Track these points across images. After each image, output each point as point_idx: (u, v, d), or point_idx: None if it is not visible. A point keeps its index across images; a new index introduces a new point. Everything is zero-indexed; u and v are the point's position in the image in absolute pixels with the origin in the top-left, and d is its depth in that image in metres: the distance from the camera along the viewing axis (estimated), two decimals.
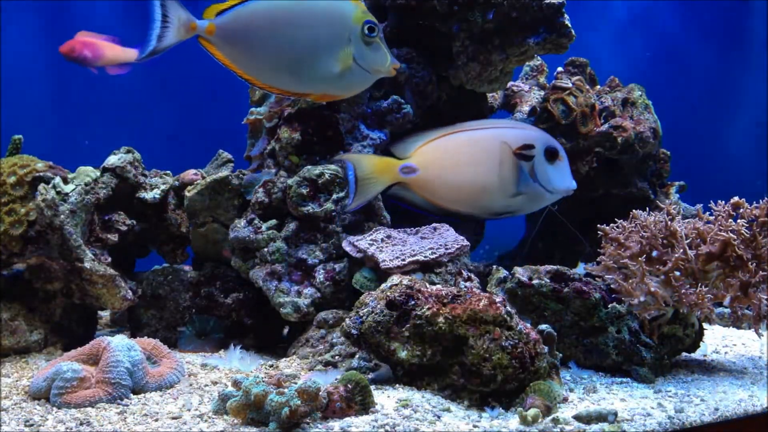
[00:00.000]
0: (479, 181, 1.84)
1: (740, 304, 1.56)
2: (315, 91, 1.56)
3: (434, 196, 1.86)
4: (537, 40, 2.12)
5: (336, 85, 1.54)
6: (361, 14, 1.49)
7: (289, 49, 1.49)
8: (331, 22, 1.48)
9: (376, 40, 1.51)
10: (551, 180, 1.87)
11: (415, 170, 1.80)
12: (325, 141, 2.00)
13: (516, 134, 1.86)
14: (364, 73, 1.54)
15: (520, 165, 1.81)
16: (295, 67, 1.51)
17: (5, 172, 1.84)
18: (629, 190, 2.47)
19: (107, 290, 1.84)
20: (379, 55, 1.53)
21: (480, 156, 1.84)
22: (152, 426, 1.26)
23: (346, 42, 1.49)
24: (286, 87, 1.56)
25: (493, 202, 1.86)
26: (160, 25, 1.46)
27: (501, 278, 1.75)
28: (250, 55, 1.51)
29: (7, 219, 1.79)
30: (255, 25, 1.49)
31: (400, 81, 2.13)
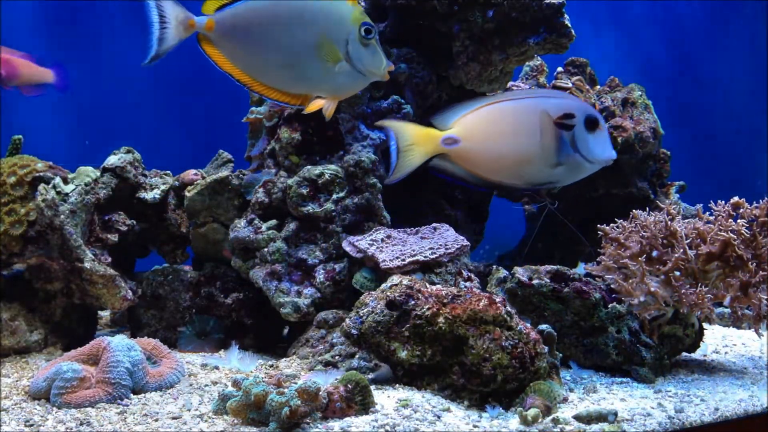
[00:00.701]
0: (521, 151, 1.81)
1: (740, 304, 1.56)
2: (311, 91, 1.55)
3: (476, 167, 1.83)
4: (537, 40, 2.12)
5: (331, 85, 1.54)
6: (359, 15, 1.50)
7: (288, 46, 1.49)
8: (329, 22, 1.48)
9: (373, 42, 1.52)
10: (592, 150, 1.83)
11: (456, 141, 1.78)
12: (325, 141, 2.00)
13: (556, 104, 1.84)
14: (359, 75, 1.54)
15: (561, 135, 1.79)
16: (293, 65, 1.51)
17: (5, 172, 1.84)
18: (629, 190, 2.47)
19: (107, 290, 1.84)
20: (375, 58, 1.54)
21: (522, 126, 1.82)
22: (152, 426, 1.26)
23: (343, 42, 1.49)
24: (283, 86, 1.55)
25: (535, 172, 1.84)
26: (159, 27, 1.46)
27: (501, 278, 1.75)
28: (249, 51, 1.51)
29: (7, 219, 1.79)
30: (254, 21, 1.48)
31: (400, 81, 2.13)
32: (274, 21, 1.48)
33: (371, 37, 1.50)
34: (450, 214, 2.38)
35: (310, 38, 1.48)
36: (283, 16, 1.48)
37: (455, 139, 1.79)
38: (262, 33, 1.49)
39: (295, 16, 1.48)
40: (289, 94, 1.57)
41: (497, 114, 1.84)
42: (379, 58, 1.54)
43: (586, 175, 1.93)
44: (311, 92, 1.57)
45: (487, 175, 1.85)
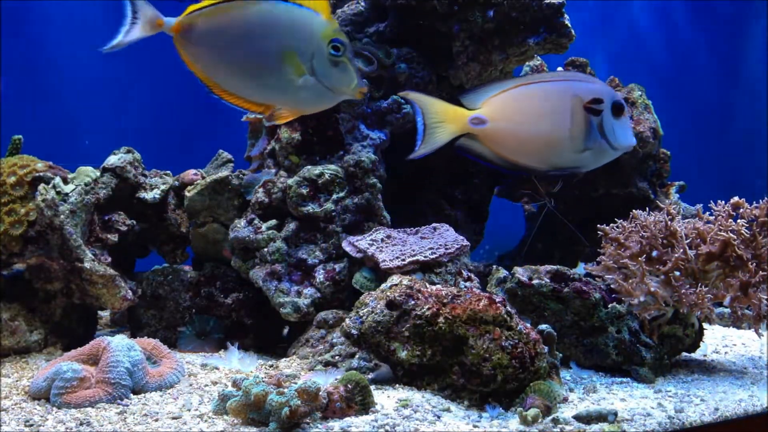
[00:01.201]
0: (550, 134, 1.78)
1: (740, 304, 1.56)
2: (273, 102, 1.53)
3: (502, 148, 1.80)
4: (537, 40, 2.12)
5: (293, 98, 1.52)
6: (330, 32, 1.46)
7: (253, 54, 1.48)
8: (297, 34, 1.46)
9: (343, 60, 1.48)
10: (617, 136, 1.81)
11: (484, 121, 1.75)
12: (325, 141, 2.00)
13: (586, 87, 1.81)
14: (325, 92, 1.51)
15: (590, 120, 1.77)
16: (257, 74, 1.50)
17: (5, 172, 1.84)
18: (629, 190, 2.47)
19: (107, 290, 1.84)
20: (344, 76, 1.49)
21: (552, 109, 1.78)
22: (152, 426, 1.26)
23: (309, 57, 1.46)
24: (246, 93, 1.53)
25: (562, 156, 1.81)
26: (129, 21, 1.47)
27: (501, 278, 1.75)
28: (214, 57, 1.50)
29: (7, 219, 1.79)
30: (222, 26, 1.48)
31: (400, 81, 2.13)
32: (243, 28, 1.47)
33: (340, 54, 1.46)
34: (450, 214, 2.38)
35: (276, 48, 1.46)
36: (252, 23, 1.47)
37: (483, 120, 1.76)
38: (230, 39, 1.48)
39: (264, 24, 1.47)
40: (251, 102, 1.55)
41: (527, 96, 1.82)
42: (350, 76, 1.50)
43: (608, 161, 1.91)
44: (273, 103, 1.54)
45: (512, 157, 1.81)
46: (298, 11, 1.45)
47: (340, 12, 2.24)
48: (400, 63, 2.13)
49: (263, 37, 1.46)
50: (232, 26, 1.47)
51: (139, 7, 1.47)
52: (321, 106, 1.62)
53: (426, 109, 1.80)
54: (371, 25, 2.19)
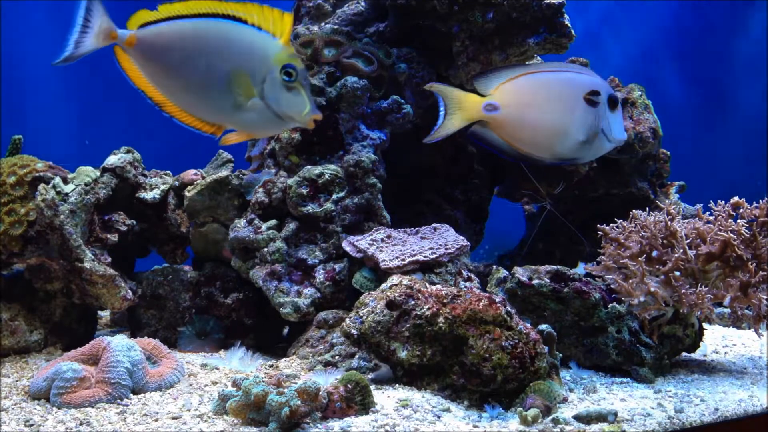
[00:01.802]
0: (557, 123, 1.80)
1: (740, 304, 1.56)
2: (222, 122, 1.50)
3: (512, 137, 1.81)
4: (537, 40, 2.12)
5: (241, 120, 1.48)
6: (284, 57, 1.42)
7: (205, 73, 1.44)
8: (249, 56, 1.42)
9: (296, 86, 1.44)
10: (612, 129, 1.84)
11: (497, 108, 1.77)
12: (325, 141, 2.00)
13: (586, 80, 1.84)
14: (273, 117, 1.47)
15: (589, 111, 1.79)
16: (207, 93, 1.46)
17: (5, 172, 1.84)
18: (629, 190, 2.47)
19: (107, 290, 1.84)
20: (295, 102, 1.45)
21: (559, 98, 1.80)
22: (152, 426, 1.26)
23: (260, 80, 1.43)
24: (196, 112, 1.50)
25: (565, 146, 1.83)
26: (79, 30, 1.41)
27: (501, 278, 1.75)
28: (167, 72, 1.47)
29: (7, 219, 1.79)
30: (177, 43, 1.44)
31: (400, 81, 2.13)
32: (196, 46, 1.44)
33: (292, 80, 1.42)
34: (450, 214, 2.38)
35: (227, 69, 1.42)
36: (205, 42, 1.44)
37: (495, 106, 1.77)
38: (183, 56, 1.44)
39: (218, 44, 1.43)
40: (201, 121, 1.51)
41: (537, 84, 1.83)
42: (302, 103, 1.45)
43: (602, 154, 1.93)
44: (223, 123, 1.50)
45: (521, 146, 1.83)
46: (254, 33, 1.42)
47: (340, 12, 2.24)
48: (400, 63, 2.13)
49: (216, 56, 1.43)
50: (188, 43, 1.44)
51: (94, 14, 1.41)
52: (269, 130, 1.60)
53: (446, 97, 1.83)
54: (371, 25, 2.20)
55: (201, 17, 1.43)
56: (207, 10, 1.43)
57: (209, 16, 1.43)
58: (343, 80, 2.01)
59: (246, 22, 1.41)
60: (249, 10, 1.41)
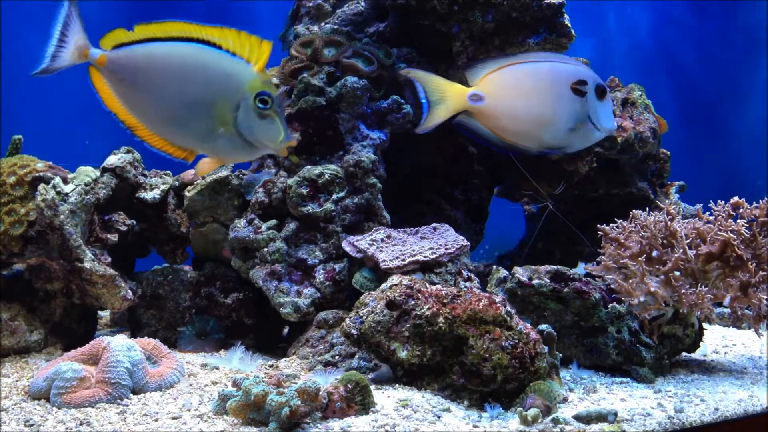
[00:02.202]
0: (541, 113, 1.82)
1: (740, 304, 1.56)
2: (195, 148, 1.48)
3: (497, 127, 1.83)
4: (537, 40, 2.12)
5: (214, 146, 1.46)
6: (258, 84, 1.40)
7: (177, 98, 1.42)
8: (223, 83, 1.40)
9: (270, 114, 1.41)
10: (600, 118, 1.85)
11: (482, 98, 1.78)
12: (325, 141, 2.00)
13: (572, 69, 1.85)
14: (246, 144, 1.45)
15: (576, 100, 1.80)
16: (179, 118, 1.44)
17: (5, 172, 1.84)
18: (629, 190, 2.47)
19: (107, 290, 1.84)
20: (270, 129, 1.43)
21: (544, 88, 1.82)
22: (152, 426, 1.26)
23: (234, 107, 1.40)
24: (168, 136, 1.48)
25: (551, 135, 1.85)
26: (55, 44, 1.40)
27: (501, 278, 1.75)
28: (138, 95, 1.45)
29: (7, 219, 1.79)
30: (149, 66, 1.42)
31: (400, 81, 2.13)
32: (169, 70, 1.41)
33: (267, 108, 1.40)
34: (450, 214, 2.38)
35: (200, 95, 1.41)
36: (179, 66, 1.41)
37: (481, 96, 1.79)
38: (155, 80, 1.42)
39: (192, 69, 1.41)
40: (173, 146, 1.49)
41: (521, 74, 1.85)
42: (276, 130, 1.43)
43: (592, 143, 1.94)
44: (195, 149, 1.49)
45: (506, 136, 1.85)
46: (229, 60, 1.39)
47: (340, 12, 2.24)
48: (400, 63, 2.13)
49: (190, 81, 1.41)
50: (161, 67, 1.41)
51: (71, 29, 1.39)
52: (242, 157, 1.57)
53: (426, 85, 1.83)
54: (371, 25, 2.20)
55: (176, 41, 1.41)
56: (183, 34, 1.40)
57: (185, 40, 1.40)
58: (343, 80, 2.01)
59: (221, 48, 1.39)
60: (226, 36, 1.38)
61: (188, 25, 1.40)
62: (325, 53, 2.07)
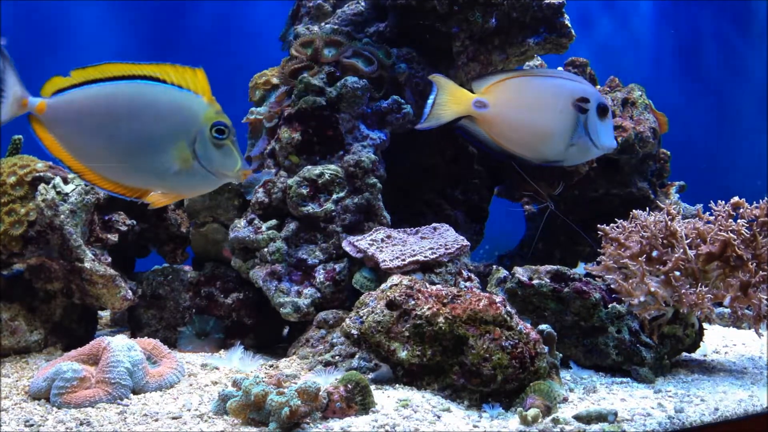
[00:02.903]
0: (541, 126, 1.88)
1: (740, 304, 1.56)
2: (151, 186, 1.45)
3: (498, 134, 1.89)
4: (537, 40, 2.12)
5: (173, 182, 1.43)
6: (212, 114, 1.39)
7: (128, 138, 1.39)
8: (176, 119, 1.38)
9: (227, 143, 1.41)
10: (600, 135, 1.90)
11: (486, 105, 1.83)
12: (325, 141, 2.00)
13: (575, 87, 1.90)
14: (207, 175, 1.43)
15: (577, 117, 1.84)
16: (131, 161, 1.41)
17: (5, 172, 1.84)
18: (629, 190, 2.47)
19: (107, 290, 1.84)
20: (227, 159, 1.42)
21: (546, 102, 1.89)
22: (152, 426, 1.26)
23: (190, 141, 1.38)
24: (121, 178, 1.44)
25: (550, 148, 1.91)
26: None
27: (501, 278, 1.75)
28: (84, 140, 1.41)
29: (7, 219, 1.79)
30: (93, 109, 1.38)
31: (400, 81, 2.13)
32: (115, 111, 1.38)
33: (223, 138, 1.39)
34: (450, 214, 2.38)
35: (154, 133, 1.38)
36: (125, 107, 1.38)
37: (485, 103, 1.84)
38: (101, 122, 1.38)
39: (140, 108, 1.38)
40: (126, 187, 1.46)
41: (526, 86, 1.90)
42: (233, 159, 1.42)
43: (589, 159, 1.97)
44: (151, 188, 1.45)
45: (506, 144, 1.90)
46: (178, 93, 1.37)
47: (340, 12, 2.24)
48: (400, 63, 2.13)
49: (141, 119, 1.38)
50: (106, 108, 1.38)
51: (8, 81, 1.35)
52: (203, 190, 1.56)
53: (441, 88, 1.91)
54: (371, 25, 2.20)
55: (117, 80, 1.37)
56: (122, 73, 1.37)
57: (125, 79, 1.37)
58: (343, 80, 2.01)
59: (165, 82, 1.36)
60: (165, 71, 1.36)
61: (126, 65, 1.37)
62: (325, 53, 2.07)
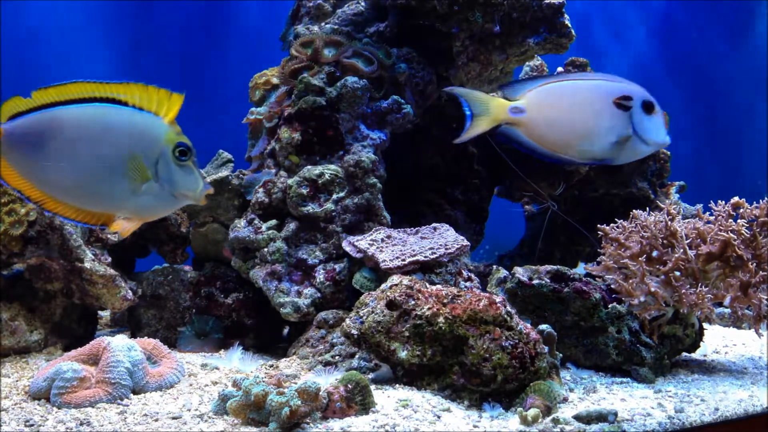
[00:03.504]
0: (580, 127, 1.90)
1: (740, 304, 1.56)
2: (114, 210, 1.43)
3: (539, 138, 1.93)
4: (537, 40, 2.12)
5: (137, 205, 1.42)
6: (174, 136, 1.38)
7: (89, 163, 1.37)
8: (138, 140, 1.37)
9: (188, 164, 1.41)
10: (647, 131, 1.91)
11: (522, 111, 1.86)
12: (325, 141, 2.00)
13: (616, 86, 1.93)
14: (169, 197, 1.42)
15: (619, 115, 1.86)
16: (95, 183, 1.39)
17: None
18: (629, 190, 2.48)
19: (107, 290, 1.84)
20: (189, 180, 1.42)
21: (583, 103, 1.92)
22: (152, 426, 1.26)
23: (152, 163, 1.38)
24: (83, 204, 1.42)
25: (593, 148, 1.93)
26: None
27: (501, 278, 1.75)
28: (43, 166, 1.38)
29: (7, 219, 1.79)
30: (51, 133, 1.35)
31: (400, 81, 2.13)
32: (75, 135, 1.36)
33: (186, 159, 1.39)
34: (450, 214, 2.38)
35: (116, 156, 1.36)
36: (85, 130, 1.36)
37: (521, 109, 1.88)
38: (64, 147, 1.36)
39: (100, 131, 1.36)
40: (88, 213, 1.43)
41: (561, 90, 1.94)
42: (195, 180, 1.42)
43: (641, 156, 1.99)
44: (114, 212, 1.43)
45: (548, 146, 1.93)
46: (139, 116, 1.36)
47: (340, 12, 2.24)
48: (400, 63, 2.13)
49: (103, 143, 1.36)
50: (69, 132, 1.35)
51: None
52: (164, 212, 1.55)
53: (469, 100, 1.92)
54: (371, 25, 2.20)
55: (79, 102, 1.35)
56: (86, 94, 1.36)
57: (88, 101, 1.35)
58: (343, 80, 2.01)
59: (127, 104, 1.35)
60: (131, 91, 1.35)
61: (90, 85, 1.35)
62: (325, 53, 2.07)
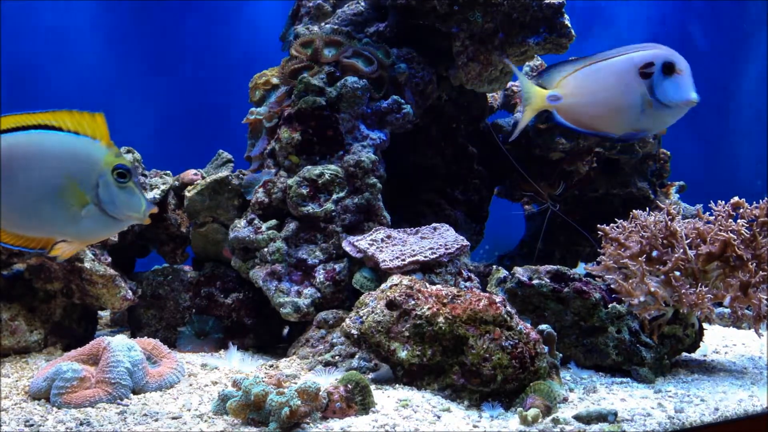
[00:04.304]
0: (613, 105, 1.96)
1: (740, 304, 1.56)
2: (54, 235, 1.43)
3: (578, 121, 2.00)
4: (537, 40, 2.12)
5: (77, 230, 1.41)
6: (112, 158, 1.38)
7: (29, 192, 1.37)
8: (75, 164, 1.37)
9: (129, 185, 1.40)
10: (668, 93, 1.93)
11: (559, 98, 1.94)
12: (325, 141, 2.00)
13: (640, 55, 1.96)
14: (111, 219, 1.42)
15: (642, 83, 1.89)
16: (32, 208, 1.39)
17: None
18: (629, 190, 2.48)
19: (107, 290, 1.84)
20: (132, 201, 1.41)
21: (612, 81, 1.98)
22: (152, 426, 1.26)
23: (92, 186, 1.38)
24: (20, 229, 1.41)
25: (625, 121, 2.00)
26: None
27: (501, 278, 1.75)
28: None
29: None
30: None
31: (400, 81, 2.13)
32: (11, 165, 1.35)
33: (126, 180, 1.38)
34: (450, 214, 2.38)
35: (52, 180, 1.36)
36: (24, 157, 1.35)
37: (558, 97, 1.94)
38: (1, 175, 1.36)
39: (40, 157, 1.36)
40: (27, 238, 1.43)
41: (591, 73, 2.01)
42: (137, 200, 1.42)
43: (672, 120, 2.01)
44: (54, 236, 1.43)
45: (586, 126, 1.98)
46: (76, 140, 1.36)
47: (340, 12, 2.24)
48: (400, 63, 2.13)
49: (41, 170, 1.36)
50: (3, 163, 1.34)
51: None
52: (107, 234, 1.55)
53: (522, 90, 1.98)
54: (371, 25, 2.20)
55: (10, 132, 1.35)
56: (16, 124, 1.35)
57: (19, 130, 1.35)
58: (343, 80, 2.01)
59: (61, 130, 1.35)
60: (61, 118, 1.35)
61: (19, 116, 1.35)
62: (325, 53, 2.07)
